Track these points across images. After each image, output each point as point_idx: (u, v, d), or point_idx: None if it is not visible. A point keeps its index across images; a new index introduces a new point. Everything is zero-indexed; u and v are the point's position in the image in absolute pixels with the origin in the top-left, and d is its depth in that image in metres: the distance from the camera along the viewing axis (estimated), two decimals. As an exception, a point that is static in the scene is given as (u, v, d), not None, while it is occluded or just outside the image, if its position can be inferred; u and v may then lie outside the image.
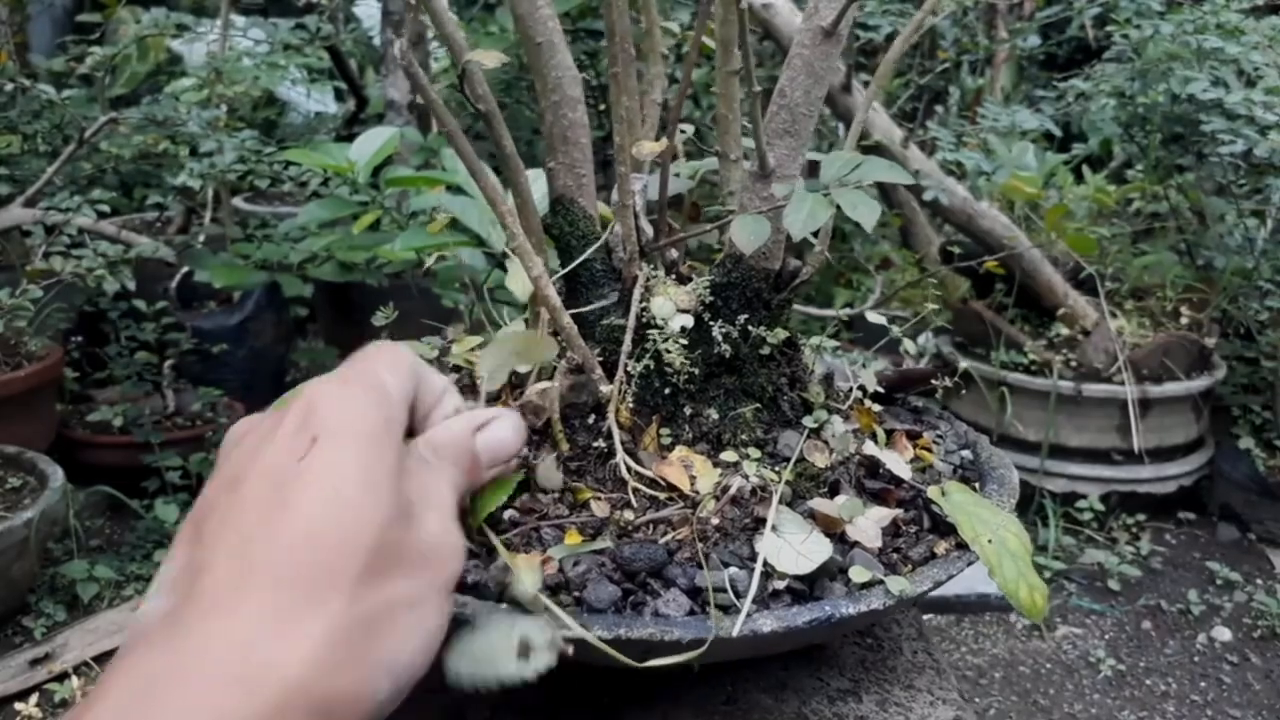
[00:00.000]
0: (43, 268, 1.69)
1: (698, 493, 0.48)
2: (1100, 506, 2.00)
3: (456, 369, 0.58)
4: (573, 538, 0.46)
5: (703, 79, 2.33)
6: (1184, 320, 2.04)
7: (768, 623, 0.41)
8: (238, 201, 2.72)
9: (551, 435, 0.51)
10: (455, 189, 1.28)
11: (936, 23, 2.29)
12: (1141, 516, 2.06)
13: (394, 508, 0.34)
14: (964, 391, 1.99)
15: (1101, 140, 2.38)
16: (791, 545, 0.45)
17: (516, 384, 0.53)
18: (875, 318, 0.67)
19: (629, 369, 0.51)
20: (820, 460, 0.52)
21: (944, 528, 0.49)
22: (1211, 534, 2.07)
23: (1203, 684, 1.66)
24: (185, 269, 2.14)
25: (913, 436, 0.58)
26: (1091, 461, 2.00)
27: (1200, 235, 2.11)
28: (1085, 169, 2.48)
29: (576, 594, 0.43)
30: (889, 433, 0.57)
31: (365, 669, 0.32)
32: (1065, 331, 2.02)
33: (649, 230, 0.57)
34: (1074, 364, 1.97)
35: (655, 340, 0.52)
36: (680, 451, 0.51)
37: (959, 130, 1.96)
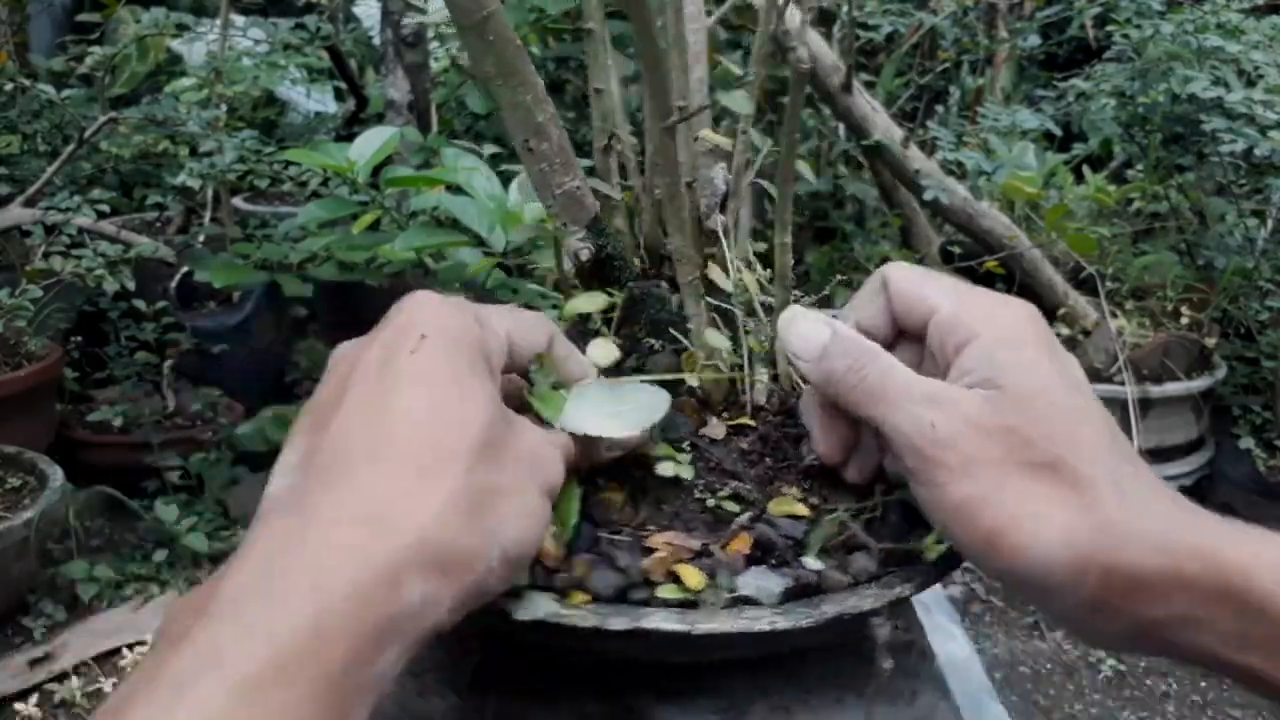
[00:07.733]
0: (42, 268, 1.69)
1: None
2: (1100, 506, 2.00)
3: None
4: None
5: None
6: (1184, 320, 2.04)
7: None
8: (238, 201, 2.72)
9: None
10: (455, 189, 1.27)
11: (937, 23, 2.29)
12: (1142, 516, 2.06)
13: (498, 407, 0.38)
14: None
15: (1101, 140, 2.38)
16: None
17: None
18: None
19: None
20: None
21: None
22: (1212, 534, 2.06)
23: (1203, 684, 1.66)
24: (185, 269, 2.14)
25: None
26: (1092, 461, 2.00)
27: (1200, 235, 2.11)
28: (1085, 169, 2.48)
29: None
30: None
31: (479, 535, 0.34)
32: (1066, 331, 2.02)
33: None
34: (1074, 364, 1.97)
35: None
36: None
37: (959, 130, 1.96)
